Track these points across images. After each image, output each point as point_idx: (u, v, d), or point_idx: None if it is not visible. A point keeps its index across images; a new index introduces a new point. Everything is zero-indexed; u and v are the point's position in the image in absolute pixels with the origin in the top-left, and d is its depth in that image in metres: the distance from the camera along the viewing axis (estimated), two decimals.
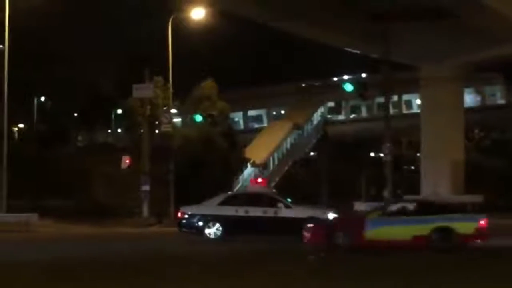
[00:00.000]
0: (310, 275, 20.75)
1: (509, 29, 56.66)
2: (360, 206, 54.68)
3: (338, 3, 57.59)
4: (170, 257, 26.86)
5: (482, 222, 28.12)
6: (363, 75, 77.00)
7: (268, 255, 27.21)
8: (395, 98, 74.79)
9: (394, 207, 29.31)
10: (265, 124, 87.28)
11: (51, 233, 43.36)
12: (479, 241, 27.94)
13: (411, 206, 29.13)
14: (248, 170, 69.53)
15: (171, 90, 57.27)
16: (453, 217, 28.03)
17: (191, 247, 31.32)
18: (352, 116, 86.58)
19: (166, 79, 57.68)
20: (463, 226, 27.74)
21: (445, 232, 27.46)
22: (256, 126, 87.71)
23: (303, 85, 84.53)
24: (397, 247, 27.13)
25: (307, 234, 29.16)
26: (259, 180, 41.65)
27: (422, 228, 27.53)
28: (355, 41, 63.91)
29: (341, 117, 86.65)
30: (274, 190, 47.67)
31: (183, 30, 56.40)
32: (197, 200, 36.55)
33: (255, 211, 33.54)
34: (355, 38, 62.42)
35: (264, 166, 73.03)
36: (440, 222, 27.64)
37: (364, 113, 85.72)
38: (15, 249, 32.02)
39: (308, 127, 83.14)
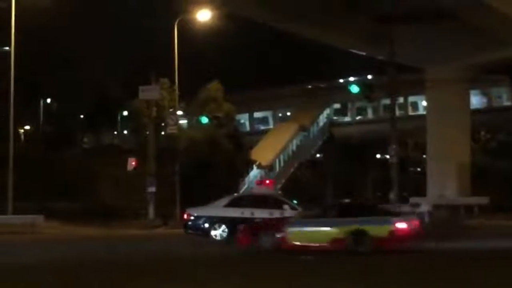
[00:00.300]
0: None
1: None
2: None
3: (344, 5, 57.62)
4: (176, 259, 26.86)
5: (399, 225, 27.59)
6: (369, 76, 76.93)
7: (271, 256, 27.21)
8: (401, 99, 74.72)
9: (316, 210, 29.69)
10: (271, 126, 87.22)
11: (57, 235, 43.38)
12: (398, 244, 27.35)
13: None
14: (254, 172, 69.50)
15: (177, 92, 57.30)
16: (368, 220, 27.62)
17: (196, 248, 31.28)
18: (358, 117, 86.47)
19: (172, 81, 57.71)
20: (377, 229, 27.29)
21: (360, 235, 27.19)
22: (262, 128, 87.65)
23: (309, 86, 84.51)
24: (316, 250, 27.21)
25: (238, 235, 29.57)
26: (267, 181, 41.59)
27: (339, 231, 27.42)
28: (360, 43, 63.85)
29: (347, 118, 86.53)
30: (280, 192, 47.62)
31: (189, 32, 56.44)
32: (203, 202, 36.57)
33: (261, 213, 33.50)
34: (360, 40, 62.38)
35: (270, 168, 73.00)
36: (355, 225, 27.42)
37: (370, 114, 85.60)
38: (20, 251, 32.05)
39: (314, 129, 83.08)
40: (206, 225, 33.92)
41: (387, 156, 59.15)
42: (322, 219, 28.30)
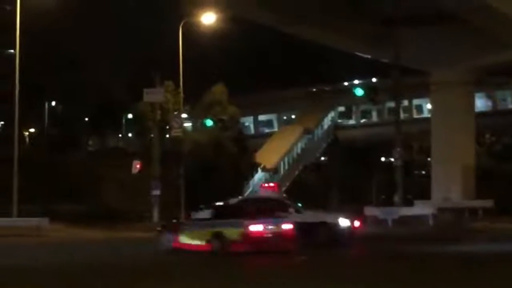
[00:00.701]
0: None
1: None
2: (370, 211, 54.62)
3: (348, 7, 57.69)
4: (179, 262, 26.88)
5: (251, 228, 28.04)
6: (374, 79, 76.96)
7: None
8: (406, 102, 74.74)
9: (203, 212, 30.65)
10: (275, 129, 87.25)
11: (62, 238, 43.43)
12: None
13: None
14: (259, 175, 69.51)
15: (181, 94, 57.33)
16: (226, 223, 28.58)
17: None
18: (362, 120, 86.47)
19: (176, 83, 57.73)
20: (231, 232, 28.21)
21: (219, 237, 28.35)
22: (267, 130, 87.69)
23: (314, 89, 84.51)
24: (197, 250, 28.64)
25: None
26: (271, 184, 41.58)
27: (207, 233, 28.74)
28: (365, 46, 63.92)
29: (351, 121, 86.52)
30: (284, 195, 47.58)
31: (193, 35, 56.46)
32: (207, 204, 36.56)
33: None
34: (365, 42, 62.45)
35: (274, 170, 73.00)
36: (216, 227, 28.60)
37: (374, 117, 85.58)
38: (25, 254, 32.07)
39: (318, 132, 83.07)
40: None
41: (392, 159, 59.28)
42: (204, 221, 29.53)
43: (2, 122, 69.28)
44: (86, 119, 76.11)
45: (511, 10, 53.31)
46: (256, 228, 28.18)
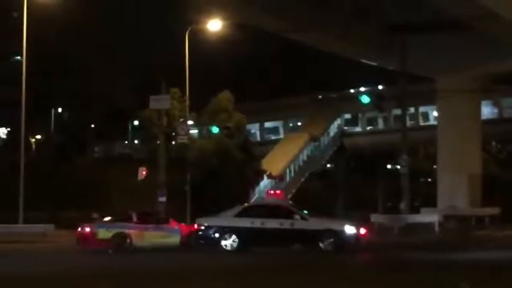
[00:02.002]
0: None
1: None
2: (377, 218, 54.55)
3: (355, 15, 57.66)
4: (185, 269, 26.86)
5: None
6: (380, 87, 76.93)
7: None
8: (412, 110, 74.67)
9: None
10: (281, 136, 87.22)
11: (68, 244, 43.40)
12: None
13: None
14: (265, 182, 69.48)
15: (187, 101, 57.38)
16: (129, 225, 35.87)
17: (207, 259, 31.28)
18: (368, 128, 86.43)
19: (182, 90, 57.79)
20: (135, 234, 35.56)
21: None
22: (273, 137, 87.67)
23: (320, 97, 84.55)
24: None
25: None
26: (277, 191, 41.64)
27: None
28: (371, 53, 63.90)
29: (357, 129, 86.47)
30: (290, 202, 47.56)
31: (200, 42, 56.53)
32: (214, 211, 36.61)
33: (272, 223, 33.49)
34: (371, 50, 62.44)
35: (280, 178, 72.95)
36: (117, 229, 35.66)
37: (381, 125, 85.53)
38: (30, 260, 32.06)
39: (324, 139, 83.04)
40: (217, 235, 33.90)
41: (398, 167, 59.19)
42: None
43: (9, 129, 69.44)
44: (93, 125, 76.27)
45: None
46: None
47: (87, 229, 35.65)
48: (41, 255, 35.26)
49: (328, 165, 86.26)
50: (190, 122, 60.03)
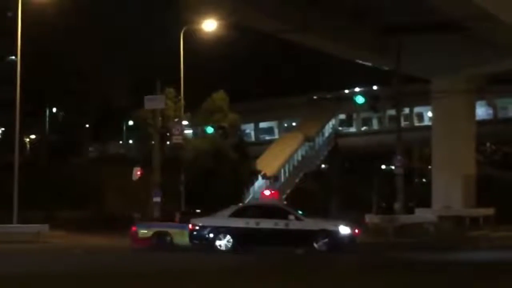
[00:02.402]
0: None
1: None
2: (371, 219, 54.58)
3: (350, 15, 57.72)
4: (180, 270, 26.87)
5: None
6: (375, 87, 76.98)
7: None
8: (407, 110, 74.72)
9: None
10: (276, 136, 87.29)
11: (62, 244, 43.42)
12: None
13: None
14: (259, 182, 69.49)
15: (182, 101, 57.36)
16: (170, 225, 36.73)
17: (200, 259, 31.29)
18: (363, 128, 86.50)
19: (177, 90, 57.75)
20: (177, 233, 36.05)
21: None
22: (267, 138, 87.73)
23: (315, 97, 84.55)
24: None
25: None
26: (272, 192, 41.66)
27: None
28: (366, 54, 63.95)
29: (352, 129, 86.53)
30: (285, 202, 47.61)
31: (195, 42, 56.50)
32: (208, 211, 36.63)
33: (266, 223, 33.52)
34: (366, 50, 62.50)
35: (275, 178, 72.98)
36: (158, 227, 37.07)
37: (375, 125, 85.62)
38: (24, 261, 32.00)
39: (319, 139, 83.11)
40: (211, 235, 33.91)
41: (393, 167, 59.22)
42: None
43: (3, 128, 69.33)
44: (87, 125, 76.14)
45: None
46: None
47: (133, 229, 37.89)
48: (47, 254, 35.29)
49: (323, 166, 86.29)
50: (184, 122, 60.02)
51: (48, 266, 28.30)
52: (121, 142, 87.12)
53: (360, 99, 53.36)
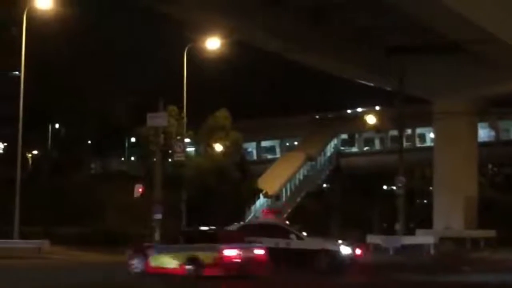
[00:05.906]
0: None
1: None
2: (373, 239, 54.52)
3: (353, 36, 57.88)
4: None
5: (226, 252, 28.54)
6: (377, 108, 77.04)
7: None
8: (409, 131, 74.79)
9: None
10: (278, 155, 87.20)
11: (62, 260, 43.35)
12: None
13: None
14: (261, 201, 69.42)
15: (185, 119, 57.41)
16: (199, 247, 29.19)
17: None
18: (365, 148, 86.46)
19: (180, 108, 57.81)
20: (206, 256, 28.78)
21: (194, 261, 28.90)
22: (269, 157, 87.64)
23: (317, 116, 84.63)
24: (173, 273, 28.84)
25: None
26: (275, 211, 41.60)
27: (181, 256, 29.22)
28: (369, 74, 64.10)
29: (354, 149, 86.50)
30: (287, 222, 47.55)
31: (198, 60, 56.61)
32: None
33: (267, 242, 33.43)
34: (369, 71, 62.63)
35: (276, 197, 72.91)
36: (190, 251, 29.24)
37: (377, 145, 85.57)
38: (25, 276, 31.98)
39: (321, 159, 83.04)
40: None
41: (394, 187, 59.23)
42: (173, 245, 30.09)
43: (5, 144, 69.36)
44: (89, 142, 76.20)
45: None
46: (230, 252, 28.55)
47: None
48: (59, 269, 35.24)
49: (324, 185, 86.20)
50: (187, 140, 60.05)
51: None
52: (123, 159, 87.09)
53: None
